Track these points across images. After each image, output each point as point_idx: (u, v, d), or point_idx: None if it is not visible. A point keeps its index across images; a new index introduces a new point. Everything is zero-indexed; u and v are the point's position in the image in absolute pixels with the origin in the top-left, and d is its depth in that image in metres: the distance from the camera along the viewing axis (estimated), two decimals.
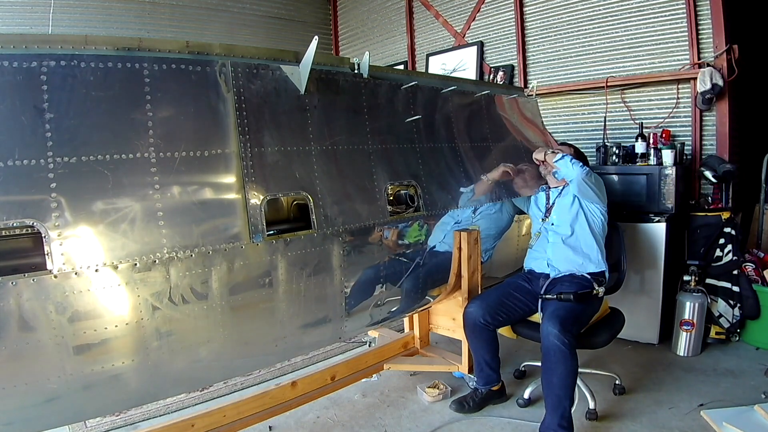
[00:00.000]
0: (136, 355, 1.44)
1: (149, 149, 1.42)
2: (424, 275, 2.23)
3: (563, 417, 1.94)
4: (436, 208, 2.20)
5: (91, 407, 1.50)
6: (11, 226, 1.36)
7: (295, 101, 1.76)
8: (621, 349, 2.93)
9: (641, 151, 3.13)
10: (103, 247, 1.34)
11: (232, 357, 1.69)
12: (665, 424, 2.15)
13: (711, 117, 3.22)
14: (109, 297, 1.36)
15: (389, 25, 5.38)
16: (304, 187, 1.75)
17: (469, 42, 4.59)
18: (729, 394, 2.38)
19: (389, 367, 2.56)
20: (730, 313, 2.91)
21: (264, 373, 2.72)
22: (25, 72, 1.25)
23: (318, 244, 1.78)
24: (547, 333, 1.98)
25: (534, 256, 2.48)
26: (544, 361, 2.01)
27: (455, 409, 2.30)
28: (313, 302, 1.82)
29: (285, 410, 2.13)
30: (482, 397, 2.32)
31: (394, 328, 2.96)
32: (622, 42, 3.57)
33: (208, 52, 1.57)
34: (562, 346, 1.93)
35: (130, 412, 2.33)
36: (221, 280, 1.55)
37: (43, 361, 1.30)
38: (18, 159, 1.23)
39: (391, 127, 2.11)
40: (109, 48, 1.38)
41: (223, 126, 1.57)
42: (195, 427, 1.88)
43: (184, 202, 1.48)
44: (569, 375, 1.94)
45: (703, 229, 3.00)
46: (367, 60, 2.00)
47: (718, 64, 3.10)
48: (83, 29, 4.29)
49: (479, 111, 2.57)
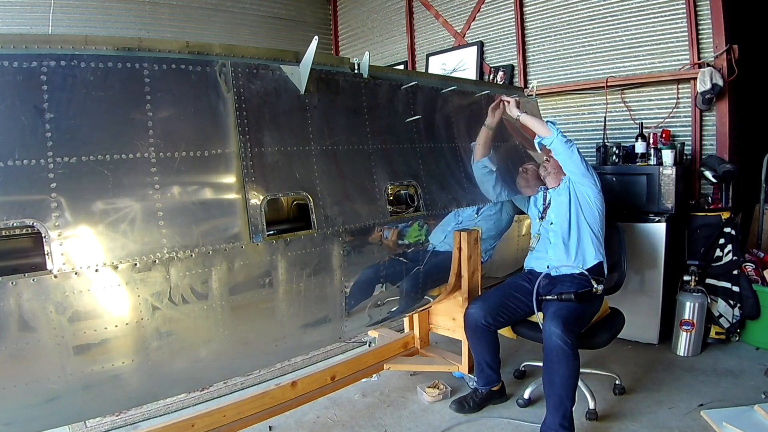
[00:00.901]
0: (136, 355, 1.44)
1: (149, 149, 1.42)
2: (424, 275, 2.23)
3: (565, 417, 1.94)
4: (436, 208, 2.20)
5: (91, 407, 1.51)
6: (11, 226, 1.36)
7: (295, 101, 1.76)
8: (621, 349, 2.93)
9: (641, 151, 3.13)
10: (103, 247, 1.34)
11: (232, 357, 1.69)
12: (665, 424, 2.15)
13: (711, 117, 3.22)
14: (109, 297, 1.36)
15: (389, 25, 5.38)
16: (304, 187, 1.75)
17: (469, 42, 4.59)
18: (729, 394, 2.38)
19: (389, 367, 2.56)
20: (730, 313, 2.91)
21: (264, 373, 2.72)
22: (25, 72, 1.25)
23: (318, 244, 1.78)
24: (549, 333, 1.98)
25: (535, 256, 2.48)
26: (546, 361, 2.00)
27: (455, 410, 2.30)
28: (313, 302, 1.82)
29: (285, 410, 2.13)
30: (482, 397, 2.32)
31: (394, 328, 2.96)
32: (622, 42, 3.57)
33: (208, 52, 1.57)
34: (565, 346, 1.93)
35: (130, 412, 2.33)
36: (221, 280, 1.55)
37: (43, 361, 1.31)
38: (18, 159, 1.23)
39: (391, 127, 2.11)
40: (109, 48, 1.39)
41: (223, 126, 1.57)
42: (195, 427, 1.87)
43: (184, 202, 1.49)
44: (571, 375, 1.95)
45: (703, 229, 3.00)
46: (367, 60, 2.01)
47: (718, 64, 3.10)
48: (83, 29, 4.29)
49: (479, 111, 2.58)
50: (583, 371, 2.13)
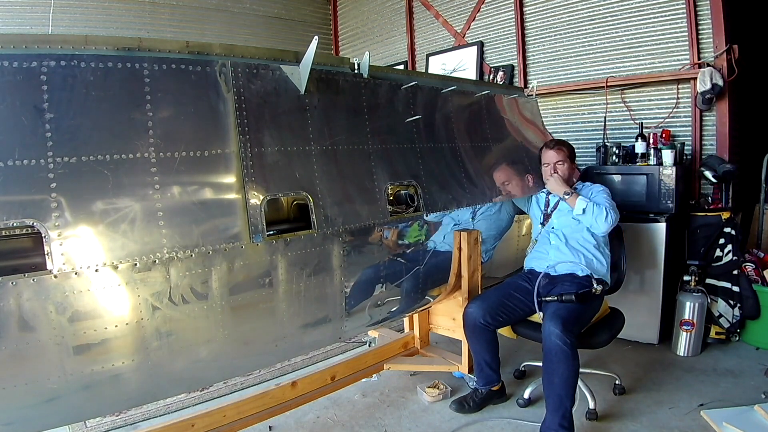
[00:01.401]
0: (136, 355, 1.44)
1: (149, 149, 1.42)
2: (424, 275, 2.23)
3: (564, 417, 1.94)
4: (436, 208, 2.20)
5: (91, 407, 1.50)
6: (11, 226, 1.36)
7: (295, 101, 1.76)
8: (621, 349, 2.93)
9: (641, 151, 3.13)
10: (103, 247, 1.34)
11: (232, 357, 1.69)
12: (665, 424, 2.15)
13: (711, 117, 3.22)
14: (109, 297, 1.36)
15: (389, 25, 5.38)
16: (304, 187, 1.75)
17: (469, 42, 4.59)
18: (729, 394, 2.38)
19: (389, 367, 2.56)
20: (730, 313, 2.91)
21: (264, 373, 2.72)
22: (25, 72, 1.25)
23: (318, 244, 1.78)
24: (548, 333, 1.98)
25: (535, 256, 2.48)
26: (545, 362, 2.00)
27: (455, 409, 2.30)
28: (313, 302, 1.82)
29: (285, 410, 2.13)
30: (482, 397, 2.32)
31: (394, 328, 2.96)
32: (622, 42, 3.56)
33: (208, 52, 1.57)
34: (564, 346, 1.93)
35: (130, 412, 2.33)
36: (221, 280, 1.55)
37: (43, 361, 1.30)
38: (18, 159, 1.23)
39: (391, 127, 2.11)
40: (109, 48, 1.38)
41: (223, 126, 1.57)
42: (195, 427, 1.87)
43: (184, 202, 1.48)
44: (571, 375, 1.95)
45: (703, 229, 3.00)
46: (367, 60, 2.00)
47: (718, 64, 3.10)
48: (83, 29, 4.29)
49: (479, 111, 2.57)
50: (583, 371, 2.13)
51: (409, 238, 2.14)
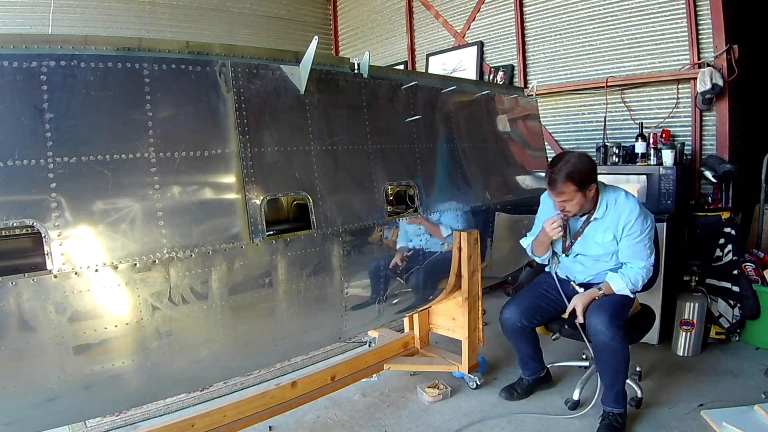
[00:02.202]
0: (136, 355, 1.44)
1: (149, 149, 1.42)
2: (424, 275, 2.23)
3: (618, 394, 2.08)
4: (435, 208, 2.20)
5: (91, 407, 1.51)
6: (11, 226, 1.36)
7: (295, 101, 1.76)
8: None
9: (641, 151, 3.13)
10: (103, 247, 1.34)
11: (232, 357, 1.69)
12: (665, 424, 2.15)
13: (711, 117, 3.22)
14: (109, 297, 1.36)
15: (389, 25, 5.38)
16: (303, 187, 1.75)
17: (469, 42, 4.59)
18: (729, 394, 2.38)
19: (389, 367, 2.56)
20: (730, 313, 2.91)
21: (264, 373, 2.72)
22: (25, 72, 1.25)
23: (318, 244, 1.78)
24: (595, 331, 2.02)
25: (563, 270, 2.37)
26: (596, 356, 2.10)
27: (505, 397, 2.40)
28: (313, 302, 1.82)
29: (285, 410, 2.13)
30: (530, 384, 2.43)
31: (394, 328, 2.96)
32: (622, 42, 3.57)
33: (208, 52, 1.57)
34: (612, 342, 1.99)
35: (130, 412, 2.33)
36: (221, 280, 1.55)
37: (43, 361, 1.30)
38: (18, 159, 1.23)
39: (391, 128, 2.11)
40: (109, 48, 1.38)
41: (223, 126, 1.57)
42: (195, 427, 1.87)
43: (184, 202, 1.48)
44: (621, 362, 2.03)
45: (703, 229, 3.00)
46: (367, 60, 2.00)
47: (718, 64, 3.10)
48: (83, 29, 4.29)
49: (479, 111, 2.57)
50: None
51: (408, 238, 2.13)
